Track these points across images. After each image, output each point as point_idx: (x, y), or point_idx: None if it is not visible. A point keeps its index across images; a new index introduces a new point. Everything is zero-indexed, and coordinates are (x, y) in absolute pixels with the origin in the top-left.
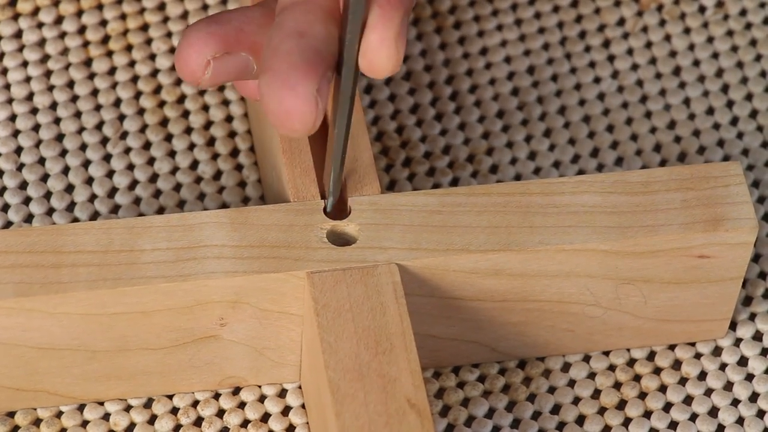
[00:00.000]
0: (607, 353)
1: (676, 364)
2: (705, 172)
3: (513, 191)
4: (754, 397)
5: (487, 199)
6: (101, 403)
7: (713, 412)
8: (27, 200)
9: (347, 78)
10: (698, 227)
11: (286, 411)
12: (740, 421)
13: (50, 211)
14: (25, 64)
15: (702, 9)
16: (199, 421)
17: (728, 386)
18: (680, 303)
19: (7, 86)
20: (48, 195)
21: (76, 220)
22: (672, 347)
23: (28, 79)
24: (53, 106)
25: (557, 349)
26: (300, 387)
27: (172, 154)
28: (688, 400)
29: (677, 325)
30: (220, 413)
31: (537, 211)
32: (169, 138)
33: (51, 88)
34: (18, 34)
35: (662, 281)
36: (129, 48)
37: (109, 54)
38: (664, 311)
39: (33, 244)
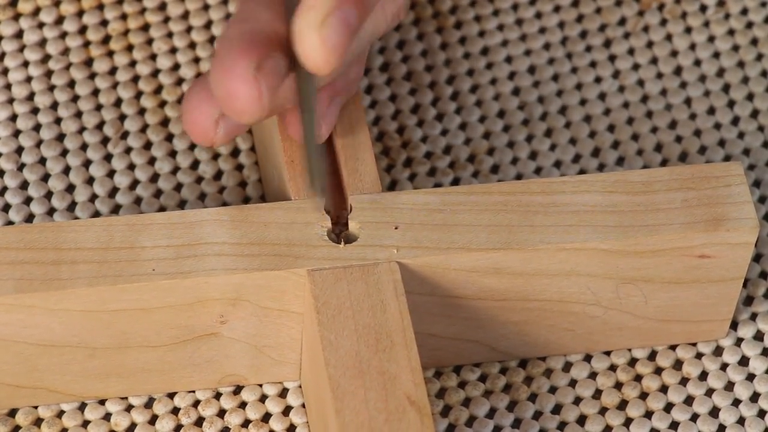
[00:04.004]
0: (608, 353)
1: (677, 365)
2: (706, 171)
3: (514, 190)
4: (755, 397)
5: (488, 197)
6: (102, 403)
7: (714, 412)
8: (28, 200)
9: (300, 68)
10: (699, 227)
11: (287, 411)
12: (741, 421)
13: (51, 211)
14: (26, 64)
15: (703, 8)
16: (200, 421)
17: (729, 386)
18: (681, 303)
19: (8, 86)
20: (49, 195)
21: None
22: (673, 347)
23: (29, 79)
24: (54, 106)
25: (558, 349)
26: (300, 387)
27: (172, 154)
28: (689, 400)
29: (677, 325)
30: (221, 413)
31: (538, 210)
32: (169, 138)
33: (52, 88)
34: (19, 34)
35: (663, 281)
36: (130, 48)
37: (110, 54)
38: (664, 311)
39: (33, 240)
